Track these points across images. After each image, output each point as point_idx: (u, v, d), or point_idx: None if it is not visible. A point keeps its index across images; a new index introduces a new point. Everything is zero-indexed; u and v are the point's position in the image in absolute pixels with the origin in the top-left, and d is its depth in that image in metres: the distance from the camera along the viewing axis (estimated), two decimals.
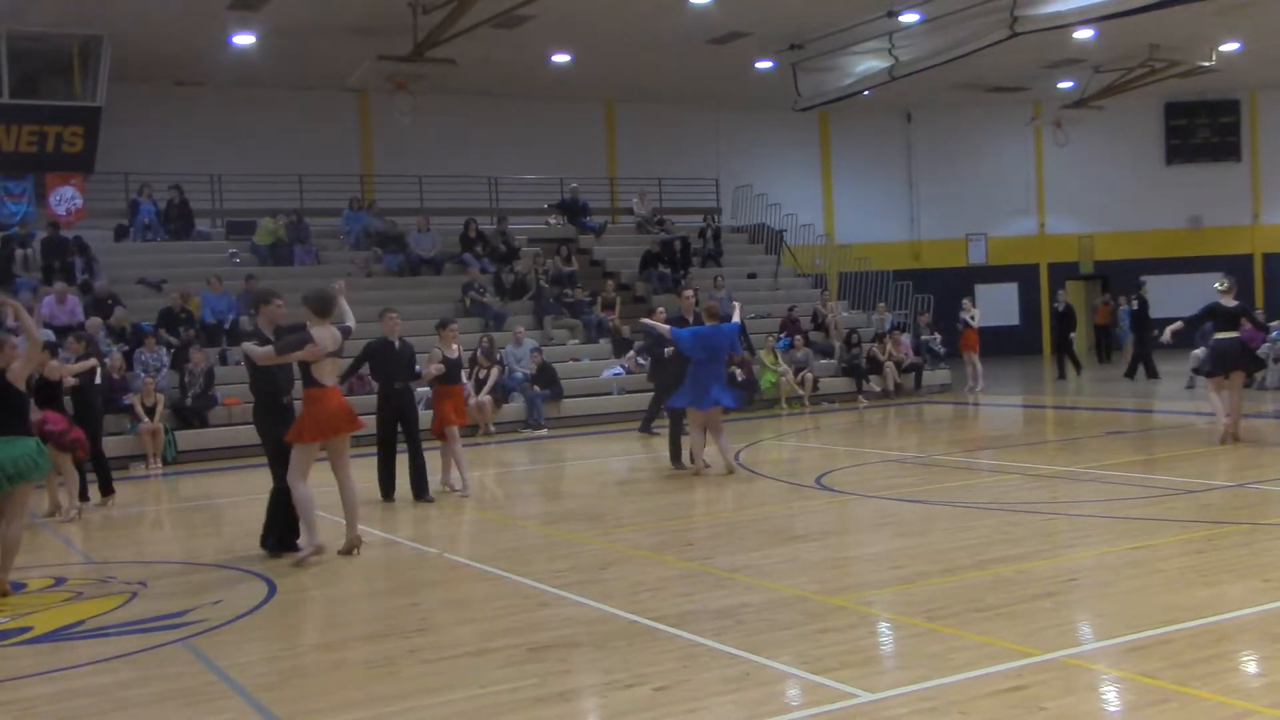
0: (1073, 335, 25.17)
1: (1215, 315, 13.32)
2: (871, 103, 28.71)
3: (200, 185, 23.20)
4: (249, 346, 9.06)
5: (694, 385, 12.63)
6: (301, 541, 8.99)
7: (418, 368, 12.30)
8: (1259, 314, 17.06)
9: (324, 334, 8.95)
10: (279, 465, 9.13)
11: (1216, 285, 13.36)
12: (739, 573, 7.85)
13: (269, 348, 8.86)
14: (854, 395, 21.92)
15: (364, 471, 12.95)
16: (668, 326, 13.13)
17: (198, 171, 23.13)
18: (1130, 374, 23.36)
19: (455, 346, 12.19)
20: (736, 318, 13.56)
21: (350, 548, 9.10)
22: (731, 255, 26.77)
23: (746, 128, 30.23)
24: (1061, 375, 24.27)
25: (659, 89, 27.57)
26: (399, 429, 11.94)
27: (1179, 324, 13.47)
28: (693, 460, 12.92)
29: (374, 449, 12.06)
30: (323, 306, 9.06)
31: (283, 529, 9.24)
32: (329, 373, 9.02)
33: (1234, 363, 13.25)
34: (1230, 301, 13.32)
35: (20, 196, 21.25)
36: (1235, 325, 13.34)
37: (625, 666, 5.84)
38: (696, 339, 12.77)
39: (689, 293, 14.52)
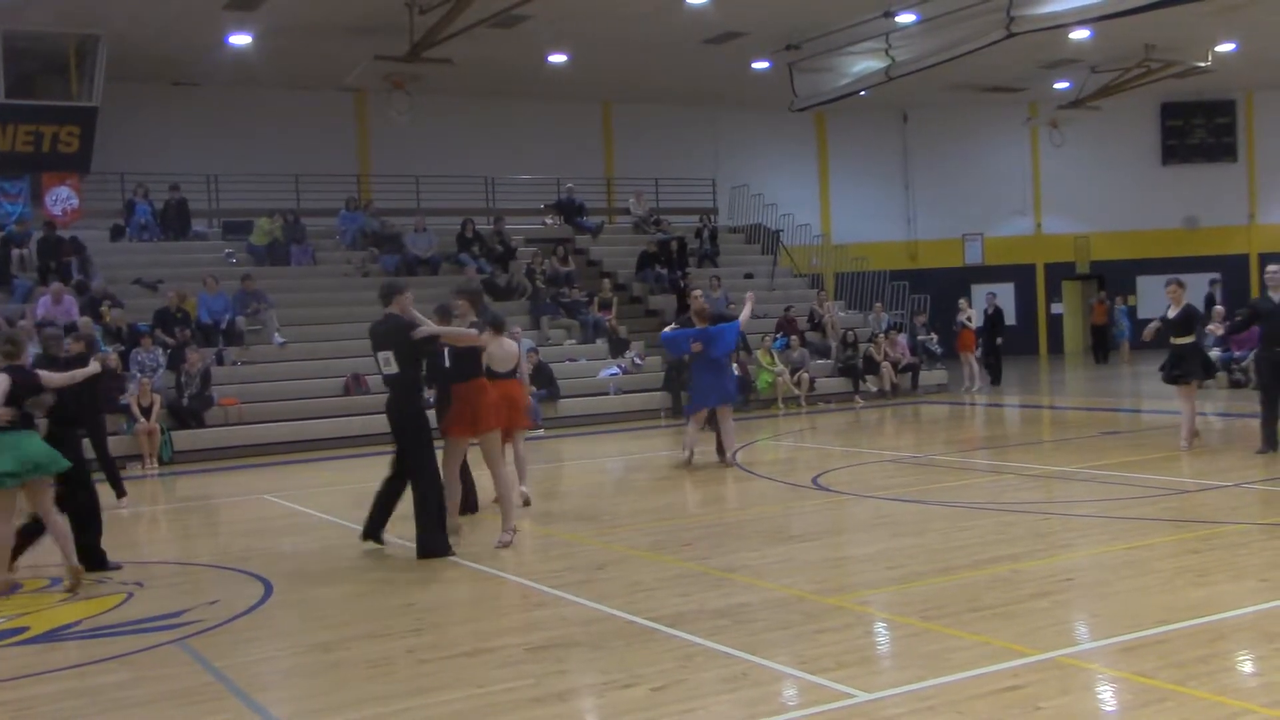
0: (999, 340, 24.15)
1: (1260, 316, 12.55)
2: (868, 103, 28.69)
3: (197, 185, 23.15)
4: (446, 329, 9.14)
5: (699, 386, 13.44)
6: (505, 528, 9.25)
7: None
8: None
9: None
10: (431, 458, 9.10)
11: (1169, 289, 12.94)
12: (736, 573, 7.85)
13: (472, 330, 9.24)
14: (851, 395, 21.92)
15: (363, 473, 12.97)
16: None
17: (194, 171, 23.07)
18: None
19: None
20: (744, 314, 13.68)
21: (506, 541, 9.20)
22: (728, 255, 26.76)
23: (743, 128, 30.22)
24: (995, 380, 23.64)
25: (656, 89, 27.55)
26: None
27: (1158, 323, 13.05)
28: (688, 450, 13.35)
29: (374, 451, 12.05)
30: (480, 297, 9.58)
31: (380, 520, 9.34)
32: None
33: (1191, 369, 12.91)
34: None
35: (16, 197, 21.21)
36: (1190, 330, 12.89)
37: (622, 666, 5.84)
38: (676, 342, 13.34)
39: (697, 292, 14.55)
